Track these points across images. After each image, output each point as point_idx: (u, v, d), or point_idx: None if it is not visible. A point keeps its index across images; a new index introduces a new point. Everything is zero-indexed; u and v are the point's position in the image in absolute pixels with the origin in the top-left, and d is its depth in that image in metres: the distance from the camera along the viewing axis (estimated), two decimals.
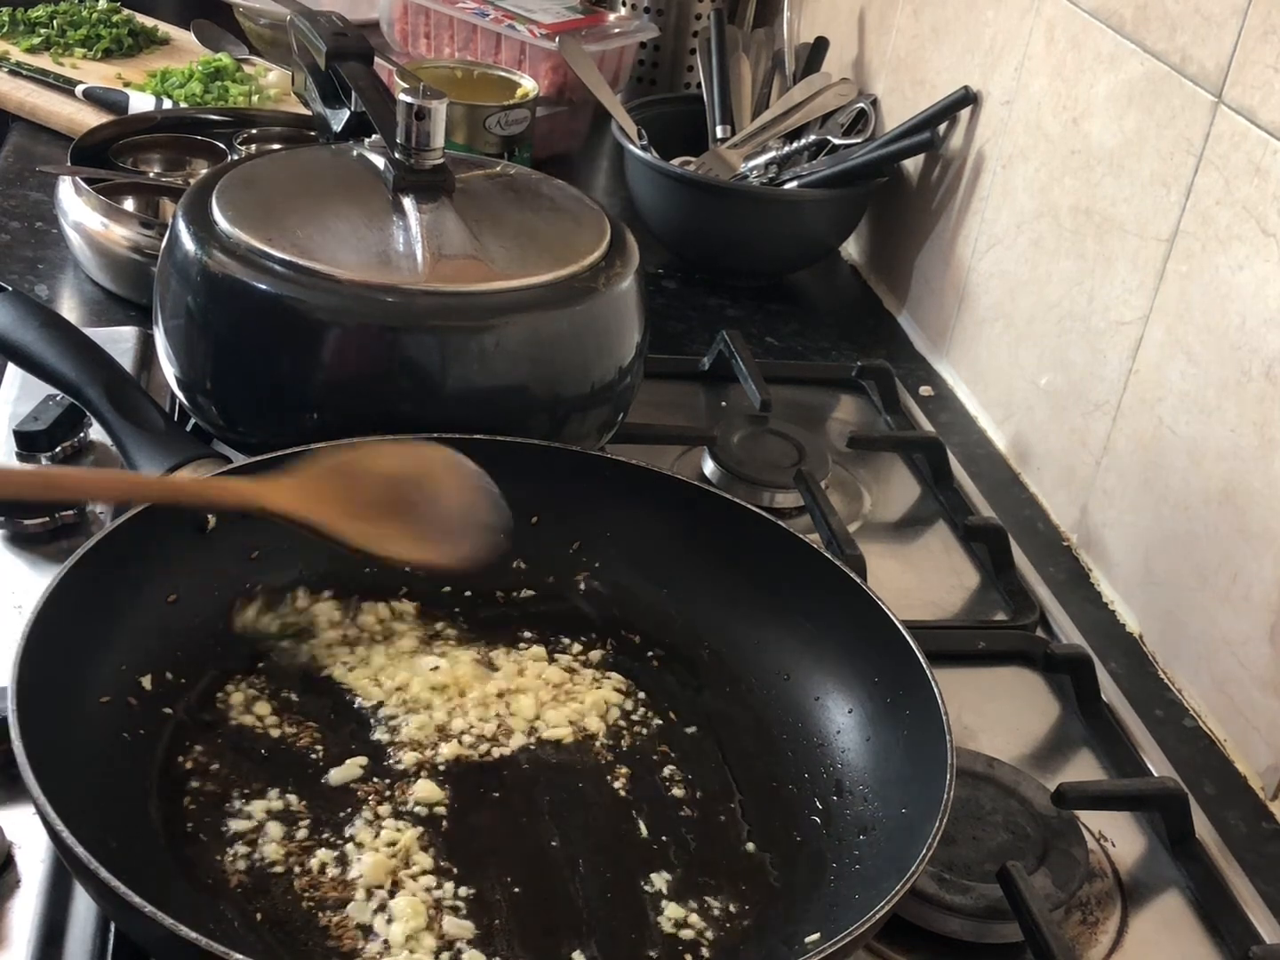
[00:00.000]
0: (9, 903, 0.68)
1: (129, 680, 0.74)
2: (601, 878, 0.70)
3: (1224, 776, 0.92)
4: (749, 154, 1.45)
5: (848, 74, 1.52)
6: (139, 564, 0.77)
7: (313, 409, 0.87)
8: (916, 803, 0.71)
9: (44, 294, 1.23)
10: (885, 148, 1.36)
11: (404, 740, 0.76)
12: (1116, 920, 0.79)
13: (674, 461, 1.11)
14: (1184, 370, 0.99)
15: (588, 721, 0.79)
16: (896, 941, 0.75)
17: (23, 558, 0.89)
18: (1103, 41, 1.08)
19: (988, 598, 1.04)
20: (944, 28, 1.35)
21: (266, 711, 0.77)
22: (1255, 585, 0.91)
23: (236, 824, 0.70)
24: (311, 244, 0.87)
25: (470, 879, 0.69)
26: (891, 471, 1.17)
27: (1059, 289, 1.14)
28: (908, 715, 0.76)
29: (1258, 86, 0.92)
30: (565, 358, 0.91)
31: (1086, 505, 1.10)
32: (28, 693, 0.65)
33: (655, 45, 1.71)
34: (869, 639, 0.80)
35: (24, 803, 0.66)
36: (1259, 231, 0.91)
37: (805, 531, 0.87)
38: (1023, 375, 1.20)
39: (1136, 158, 1.04)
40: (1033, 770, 0.86)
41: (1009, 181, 1.22)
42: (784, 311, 1.40)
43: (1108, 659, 1.00)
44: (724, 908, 0.70)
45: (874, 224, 1.48)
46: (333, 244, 0.88)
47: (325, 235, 0.89)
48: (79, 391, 0.90)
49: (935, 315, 1.35)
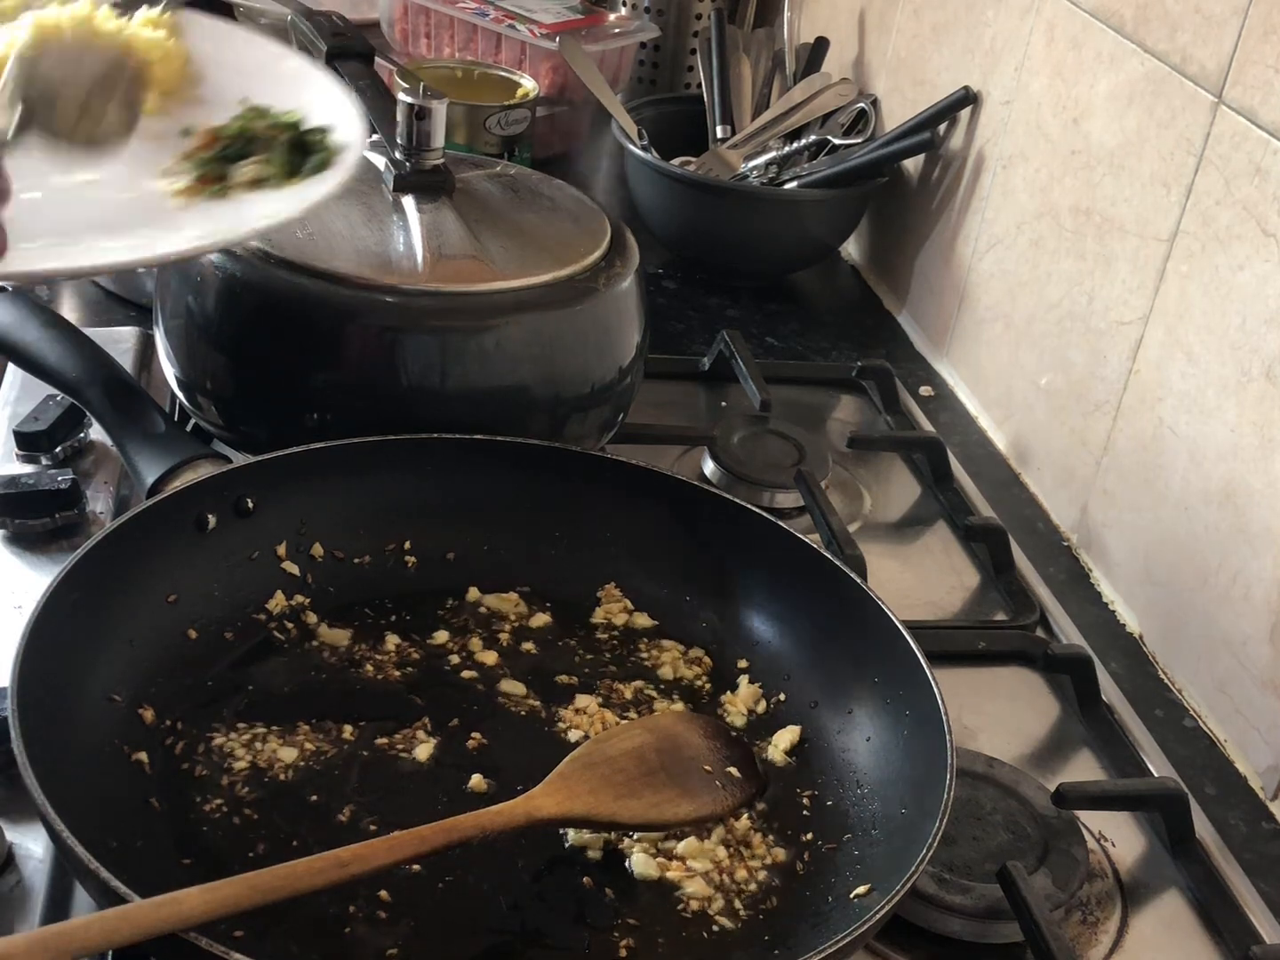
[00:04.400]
0: (9, 903, 0.68)
1: (129, 680, 0.74)
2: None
3: (1224, 776, 0.92)
4: (749, 154, 1.45)
5: (848, 74, 1.52)
6: (139, 564, 0.77)
7: (313, 409, 0.87)
8: (916, 803, 0.71)
9: (44, 294, 1.23)
10: (885, 148, 1.36)
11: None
12: (1116, 920, 0.79)
13: (674, 461, 1.11)
14: (1184, 370, 0.99)
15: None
16: (896, 941, 0.75)
17: (23, 558, 0.89)
18: (1103, 41, 1.08)
19: (988, 598, 1.04)
20: (944, 28, 1.34)
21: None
22: (1255, 585, 0.91)
23: (238, 822, 0.70)
24: (311, 244, 0.88)
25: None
26: (891, 471, 1.17)
27: (1059, 289, 1.14)
28: (908, 715, 0.76)
29: (1258, 86, 0.92)
30: (565, 358, 0.91)
31: (1086, 505, 1.10)
32: (28, 693, 0.65)
33: (655, 45, 1.71)
34: (869, 639, 0.80)
35: (24, 803, 0.65)
36: (1259, 231, 0.91)
37: (805, 531, 0.87)
38: (1023, 375, 1.20)
39: (1136, 158, 1.04)
40: (1033, 770, 0.86)
41: (1009, 181, 1.22)
42: (784, 311, 1.40)
43: (1108, 659, 1.00)
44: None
45: (874, 224, 1.48)
46: (333, 244, 0.88)
47: (325, 235, 0.89)
48: (79, 391, 0.90)
49: (935, 315, 1.35)
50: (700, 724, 0.79)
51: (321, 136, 0.84)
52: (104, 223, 0.76)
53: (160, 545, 0.79)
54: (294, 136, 0.84)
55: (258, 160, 0.82)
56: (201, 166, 0.82)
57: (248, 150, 0.83)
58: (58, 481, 0.90)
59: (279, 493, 0.84)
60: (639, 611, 0.88)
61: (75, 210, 0.78)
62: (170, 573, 0.79)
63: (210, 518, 0.81)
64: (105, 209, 0.78)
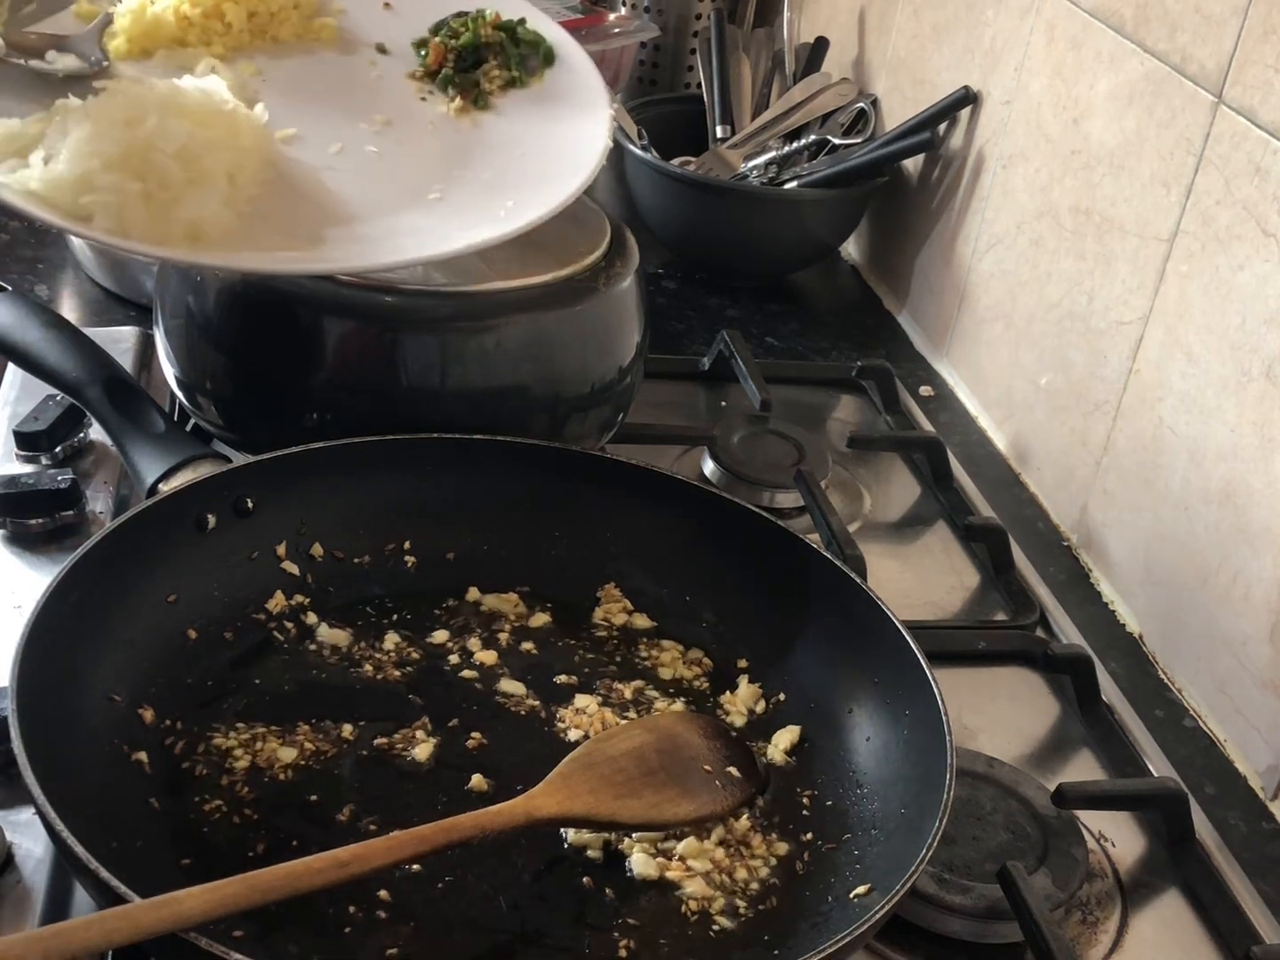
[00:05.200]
0: (9, 903, 0.68)
1: (129, 680, 0.74)
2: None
3: (1224, 776, 0.92)
4: (749, 154, 1.45)
5: (848, 74, 1.52)
6: (139, 564, 0.77)
7: (313, 409, 0.87)
8: (916, 803, 0.71)
9: (44, 294, 1.23)
10: (885, 148, 1.36)
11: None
12: (1116, 920, 0.79)
13: (674, 461, 1.11)
14: (1184, 370, 0.99)
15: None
16: (896, 941, 0.75)
17: (23, 558, 0.89)
18: (1103, 41, 1.08)
19: (988, 598, 1.04)
20: (944, 28, 1.34)
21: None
22: (1255, 585, 0.91)
23: (238, 822, 0.70)
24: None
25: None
26: (891, 471, 1.17)
27: (1059, 289, 1.14)
28: (908, 715, 0.76)
29: (1258, 86, 0.92)
30: (565, 358, 0.91)
31: (1086, 505, 1.10)
32: (28, 693, 0.65)
33: (655, 45, 1.71)
34: (869, 639, 0.80)
35: (24, 803, 0.66)
36: (1259, 231, 0.91)
37: (805, 531, 0.87)
38: (1023, 375, 1.20)
39: (1136, 158, 1.04)
40: (1033, 770, 0.86)
41: (1009, 181, 1.22)
42: (784, 311, 1.40)
43: (1108, 659, 1.00)
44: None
45: (874, 224, 1.48)
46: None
47: None
48: (79, 391, 0.90)
49: (935, 315, 1.35)
50: (700, 724, 0.79)
51: (522, 26, 0.93)
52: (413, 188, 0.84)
53: (160, 545, 0.79)
54: (510, 32, 0.91)
55: (494, 65, 0.90)
56: (450, 85, 0.89)
57: (480, 57, 0.90)
58: (57, 481, 0.90)
59: (279, 493, 0.84)
60: (639, 611, 0.88)
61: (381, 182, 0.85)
62: (170, 572, 0.79)
63: (210, 518, 0.81)
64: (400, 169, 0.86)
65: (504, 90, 0.92)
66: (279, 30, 0.91)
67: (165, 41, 0.87)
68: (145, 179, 0.75)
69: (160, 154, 0.76)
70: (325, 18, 0.94)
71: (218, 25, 0.89)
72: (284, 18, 0.91)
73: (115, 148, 0.75)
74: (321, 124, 0.88)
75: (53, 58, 0.84)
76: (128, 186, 0.75)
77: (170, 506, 0.80)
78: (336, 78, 0.92)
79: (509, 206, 0.85)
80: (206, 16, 0.89)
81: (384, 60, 0.93)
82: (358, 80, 0.92)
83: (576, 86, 0.94)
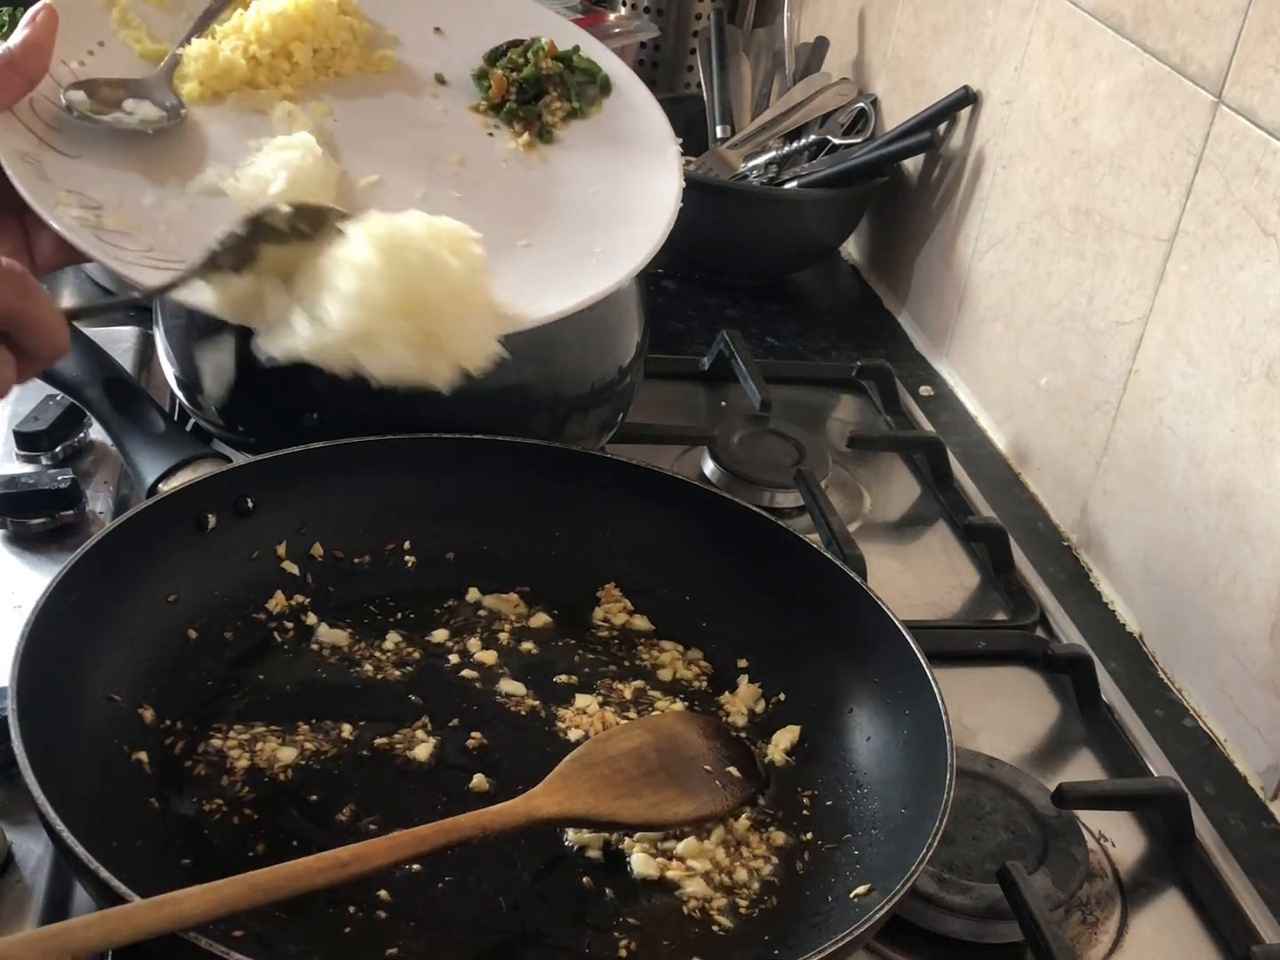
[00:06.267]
0: (9, 903, 0.68)
1: (129, 680, 0.74)
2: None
3: (1224, 776, 0.92)
4: (749, 154, 1.45)
5: (848, 74, 1.52)
6: (139, 564, 0.77)
7: (313, 409, 0.87)
8: (916, 803, 0.71)
9: None
10: (885, 148, 1.36)
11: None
12: (1116, 920, 0.79)
13: (674, 461, 1.11)
14: (1184, 370, 0.99)
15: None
16: (896, 941, 0.75)
17: (23, 558, 0.89)
18: (1103, 41, 1.08)
19: (988, 598, 1.04)
20: (944, 28, 1.34)
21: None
22: (1255, 585, 0.91)
23: (238, 822, 0.70)
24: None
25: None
26: (891, 471, 1.17)
27: (1059, 289, 1.14)
28: (908, 715, 0.76)
29: (1258, 86, 0.92)
30: (565, 358, 0.91)
31: (1086, 505, 1.10)
32: (28, 693, 0.65)
33: (655, 45, 1.71)
34: (869, 639, 0.80)
35: (24, 803, 0.65)
36: (1259, 231, 0.91)
37: (805, 531, 0.87)
38: (1023, 375, 1.20)
39: (1136, 158, 1.04)
40: (1033, 770, 0.86)
41: (1009, 181, 1.22)
42: (784, 311, 1.40)
43: (1108, 659, 1.00)
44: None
45: (874, 224, 1.48)
46: None
47: None
48: (79, 391, 0.90)
49: (935, 315, 1.35)
50: (700, 724, 0.79)
51: (578, 54, 0.94)
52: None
53: (160, 545, 0.79)
54: (567, 61, 0.92)
55: (555, 96, 0.91)
56: (514, 118, 0.90)
57: (541, 89, 0.90)
58: (57, 481, 0.90)
59: (279, 493, 0.84)
60: (638, 612, 0.88)
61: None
62: (170, 572, 0.79)
63: (210, 517, 0.81)
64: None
65: (565, 122, 0.92)
66: (341, 64, 0.91)
67: (236, 84, 0.87)
68: (416, 317, 0.75)
69: (436, 293, 0.75)
70: (382, 49, 0.93)
71: (285, 64, 0.89)
72: (345, 51, 0.91)
73: (386, 294, 0.74)
74: (400, 166, 0.87)
75: (131, 106, 0.82)
76: (404, 333, 0.74)
77: (170, 506, 0.80)
78: (404, 114, 0.91)
79: (598, 253, 0.86)
80: (275, 56, 0.88)
81: (445, 92, 0.93)
82: (424, 116, 0.92)
83: (634, 113, 0.94)
